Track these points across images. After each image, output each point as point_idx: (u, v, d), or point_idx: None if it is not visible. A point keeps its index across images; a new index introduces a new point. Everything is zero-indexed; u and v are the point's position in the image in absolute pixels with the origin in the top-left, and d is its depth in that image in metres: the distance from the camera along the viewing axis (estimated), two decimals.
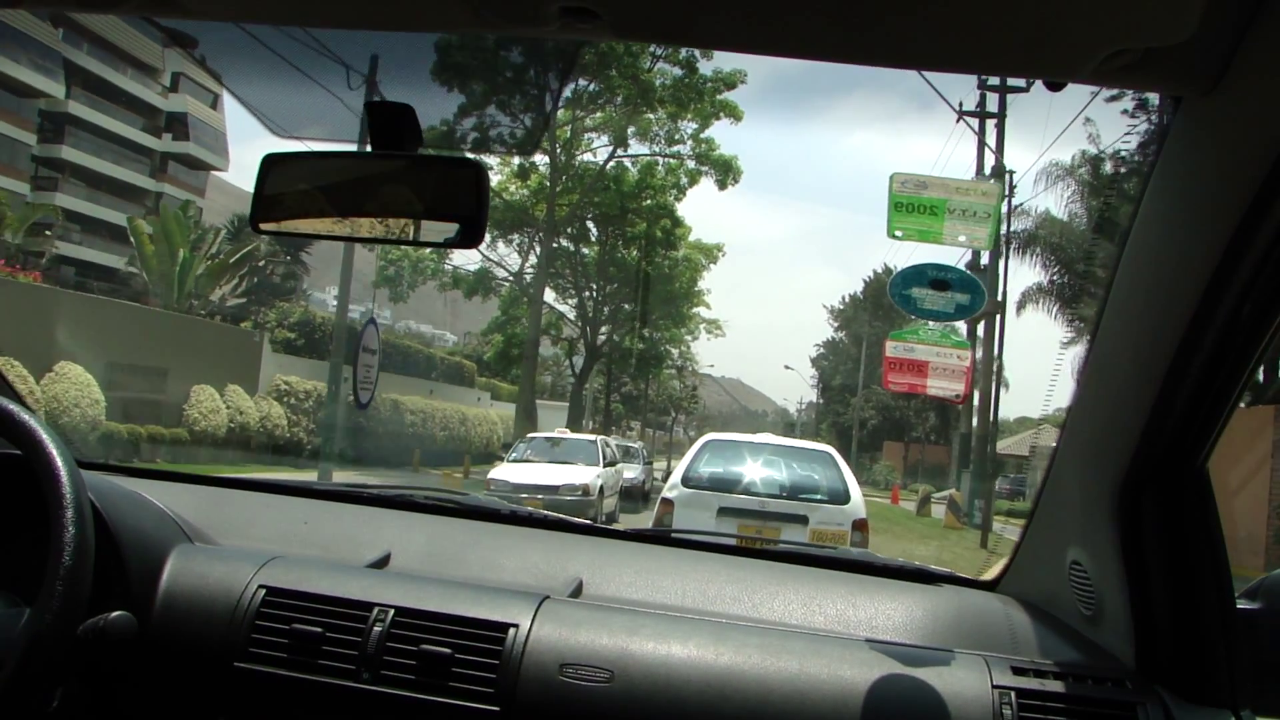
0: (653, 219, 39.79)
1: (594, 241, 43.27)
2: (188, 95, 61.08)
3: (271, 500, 2.69)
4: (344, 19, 1.61)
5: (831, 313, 79.86)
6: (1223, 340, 1.52)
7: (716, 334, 53.54)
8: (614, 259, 42.78)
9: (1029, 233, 31.46)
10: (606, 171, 40.28)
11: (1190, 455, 1.71)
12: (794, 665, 1.86)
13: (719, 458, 10.44)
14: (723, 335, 53.59)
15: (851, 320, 73.21)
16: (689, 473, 10.06)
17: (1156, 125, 1.92)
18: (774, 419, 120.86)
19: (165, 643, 1.97)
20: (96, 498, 1.88)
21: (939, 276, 3.09)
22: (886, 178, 2.27)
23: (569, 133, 39.30)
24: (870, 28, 1.27)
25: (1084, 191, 30.32)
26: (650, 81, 36.28)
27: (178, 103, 61.23)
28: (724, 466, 10.27)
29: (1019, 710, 1.78)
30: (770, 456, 10.45)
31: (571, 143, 39.68)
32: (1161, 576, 1.77)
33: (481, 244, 1.80)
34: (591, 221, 42.04)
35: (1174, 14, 1.13)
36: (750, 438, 11.62)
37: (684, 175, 40.31)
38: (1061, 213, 31.73)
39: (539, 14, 1.28)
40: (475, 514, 2.69)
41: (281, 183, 1.86)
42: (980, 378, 24.50)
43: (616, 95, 37.29)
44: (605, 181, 39.96)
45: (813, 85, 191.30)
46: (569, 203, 39.76)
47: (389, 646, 1.91)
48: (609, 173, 40.30)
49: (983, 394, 27.20)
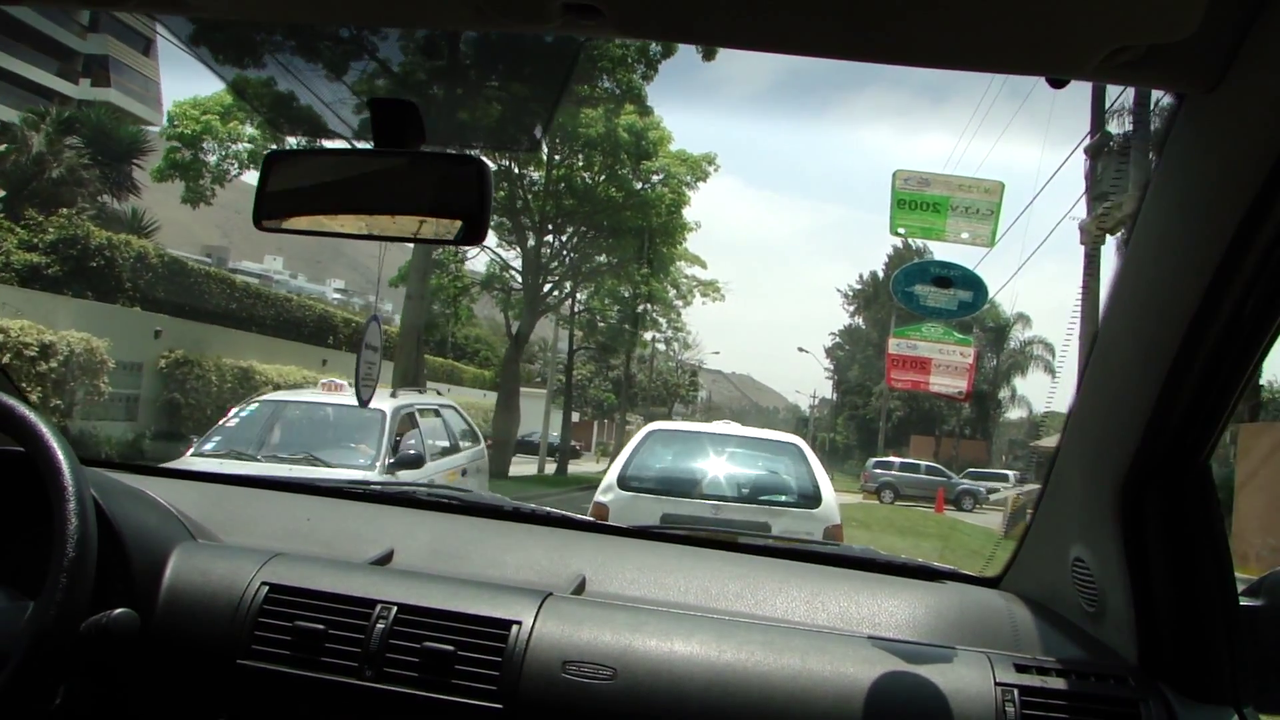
0: (613, 104, 28.61)
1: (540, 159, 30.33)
2: (110, 37, 51.27)
3: (274, 497, 2.70)
4: (348, 16, 1.61)
5: (848, 297, 75.12)
6: (1226, 337, 1.52)
7: (714, 297, 42.73)
8: (568, 181, 30.70)
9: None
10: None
11: (1193, 453, 1.71)
12: (796, 662, 1.86)
13: (665, 452, 8.69)
14: (721, 299, 42.79)
15: (872, 300, 68.62)
16: (626, 471, 8.28)
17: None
18: (785, 415, 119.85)
19: (168, 640, 1.98)
20: (99, 494, 1.89)
21: (942, 274, 3.08)
22: (890, 164, 2.28)
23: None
24: (873, 25, 1.27)
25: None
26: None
27: (98, 44, 51.55)
28: (670, 463, 8.55)
29: (1022, 707, 1.78)
30: (727, 450, 8.70)
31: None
32: (1164, 573, 1.77)
33: (484, 241, 1.81)
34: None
35: (1177, 11, 1.13)
36: (703, 427, 10.10)
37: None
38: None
39: (542, 11, 1.28)
40: (478, 511, 2.69)
41: (285, 180, 1.86)
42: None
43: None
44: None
45: (822, 81, 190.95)
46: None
47: (392, 644, 1.91)
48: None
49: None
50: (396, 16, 1.55)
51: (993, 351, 61.96)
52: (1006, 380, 62.99)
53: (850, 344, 73.34)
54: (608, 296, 38.48)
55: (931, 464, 44.29)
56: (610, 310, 39.01)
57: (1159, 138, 1.57)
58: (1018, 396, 64.26)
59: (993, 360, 62.15)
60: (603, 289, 37.33)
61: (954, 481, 41.76)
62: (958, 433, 62.65)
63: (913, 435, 61.62)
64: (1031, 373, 62.56)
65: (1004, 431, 64.28)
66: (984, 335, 58.64)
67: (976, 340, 57.69)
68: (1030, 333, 62.83)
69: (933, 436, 61.64)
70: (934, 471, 42.25)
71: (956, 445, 60.98)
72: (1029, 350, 62.07)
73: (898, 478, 41.20)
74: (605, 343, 42.23)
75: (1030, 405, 63.22)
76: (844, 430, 70.01)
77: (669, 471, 8.38)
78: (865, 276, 73.75)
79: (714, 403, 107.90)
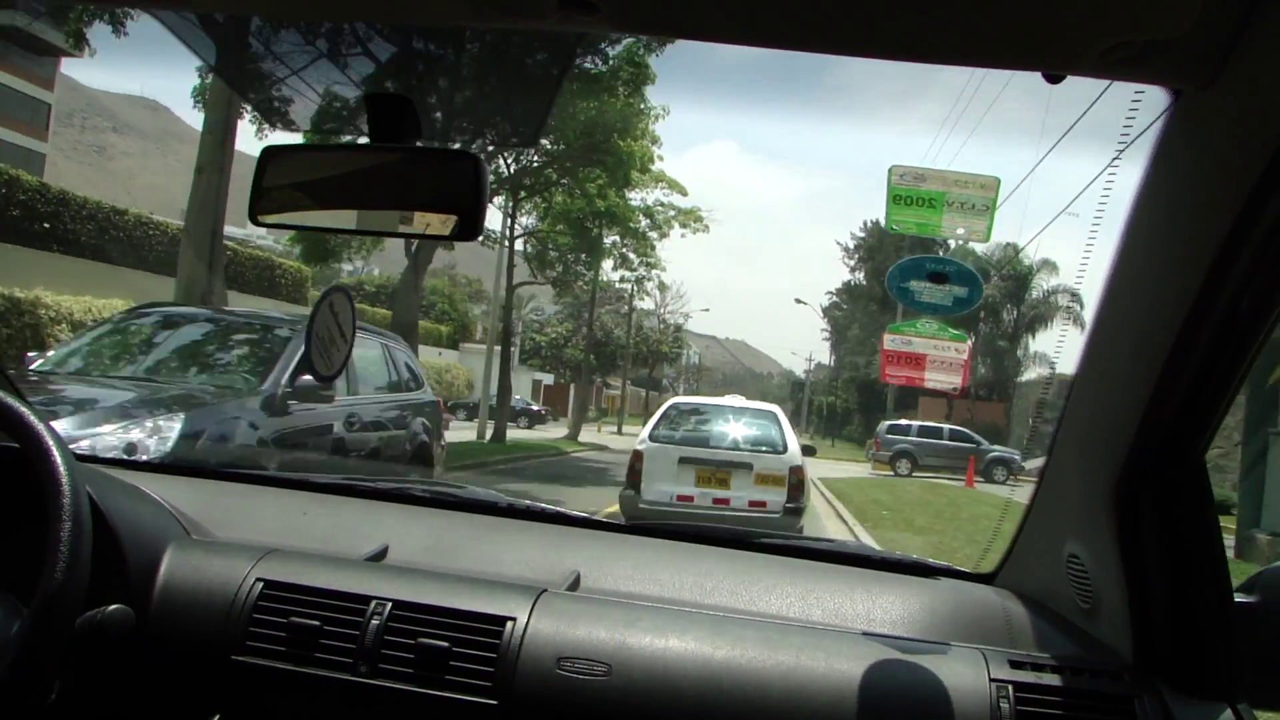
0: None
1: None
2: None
3: (268, 493, 2.70)
4: (343, 12, 1.60)
5: (848, 250, 69.89)
6: (1221, 332, 1.53)
7: (697, 228, 34.57)
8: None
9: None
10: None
11: (1188, 448, 1.71)
12: (791, 658, 1.86)
13: (681, 417, 12.65)
14: (705, 230, 34.78)
15: (876, 251, 62.97)
16: (655, 430, 12.01)
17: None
18: (780, 380, 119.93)
19: (163, 636, 1.98)
20: (94, 491, 1.88)
21: (937, 269, 3.07)
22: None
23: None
24: (868, 20, 1.27)
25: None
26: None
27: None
28: (685, 424, 12.41)
29: (1016, 704, 1.78)
30: (725, 416, 12.51)
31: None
32: (1159, 569, 1.77)
33: (479, 237, 1.80)
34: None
35: (1173, 6, 1.13)
36: (709, 400, 14.29)
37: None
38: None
39: (537, 6, 1.28)
40: (473, 507, 2.69)
41: (280, 174, 1.86)
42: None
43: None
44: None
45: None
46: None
47: (387, 639, 1.92)
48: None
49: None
50: (393, 11, 1.54)
51: (1012, 303, 57.25)
52: (1030, 332, 57.45)
53: (850, 302, 69.61)
54: (559, 220, 31.03)
55: (956, 428, 37.63)
56: (563, 237, 31.92)
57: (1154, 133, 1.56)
58: (1037, 354, 58.02)
59: (1012, 312, 57.47)
60: (553, 209, 30.52)
61: (984, 448, 34.89)
62: (973, 393, 54.76)
63: (921, 397, 52.39)
64: (1055, 325, 55.98)
65: (1025, 392, 55.27)
66: (1003, 284, 54.72)
67: (994, 290, 53.64)
68: (1056, 280, 56.53)
69: (944, 398, 51.55)
70: (959, 436, 35.74)
71: (972, 408, 53.01)
72: (1053, 300, 56.29)
73: (916, 444, 34.77)
74: (558, 277, 34.76)
75: (1052, 363, 56.53)
76: (844, 393, 66.42)
77: (684, 430, 12.20)
78: (868, 224, 68.33)
79: (706, 366, 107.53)
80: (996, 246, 49.43)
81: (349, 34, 12.84)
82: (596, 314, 49.06)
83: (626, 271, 37.33)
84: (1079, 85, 1.43)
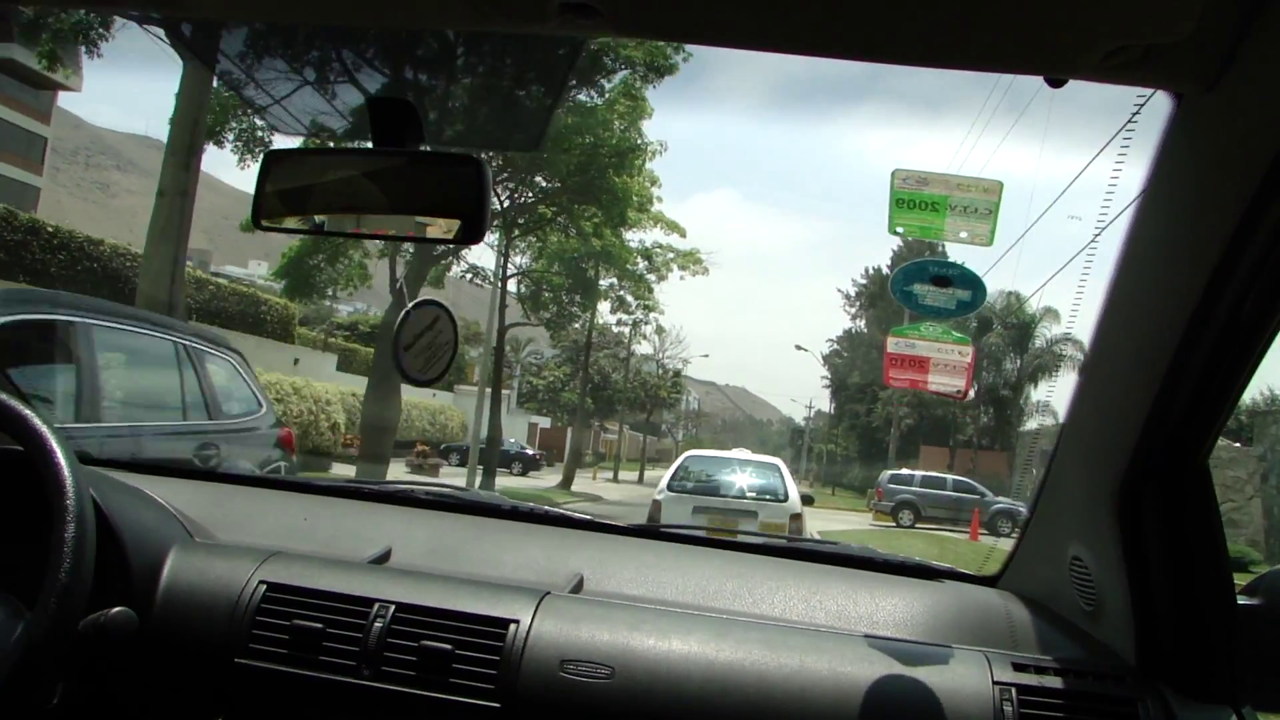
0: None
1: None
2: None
3: (272, 496, 2.70)
4: (344, 15, 1.61)
5: (849, 297, 69.38)
6: (1224, 336, 1.53)
7: (696, 270, 33.45)
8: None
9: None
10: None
11: (1192, 451, 1.71)
12: (794, 661, 1.86)
13: (696, 467, 14.22)
14: (705, 272, 33.79)
15: (877, 299, 62.64)
16: (672, 480, 13.65)
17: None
18: (779, 427, 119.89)
19: (166, 639, 1.98)
20: (97, 493, 1.89)
21: (940, 273, 3.07)
22: (888, 178, 2.29)
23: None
24: (870, 24, 1.27)
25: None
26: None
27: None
28: (699, 475, 13.92)
29: (1019, 706, 1.78)
30: (733, 467, 14.07)
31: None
32: (1162, 572, 1.77)
33: (483, 240, 1.81)
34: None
35: (1175, 10, 1.13)
36: (719, 453, 16.12)
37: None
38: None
39: (538, 10, 1.28)
40: (476, 509, 2.68)
41: (283, 179, 1.86)
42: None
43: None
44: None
45: (819, 93, 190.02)
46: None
47: (390, 642, 1.91)
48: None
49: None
50: (394, 15, 1.55)
51: (1015, 352, 56.07)
52: (1033, 382, 55.85)
53: (850, 349, 69.07)
54: (554, 260, 30.53)
55: (960, 478, 36.84)
56: (557, 277, 30.99)
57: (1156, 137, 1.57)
58: (1040, 403, 53.73)
59: (1015, 361, 56.26)
60: (548, 249, 29.99)
61: (988, 499, 33.68)
62: (975, 442, 55.87)
63: (923, 445, 54.81)
64: (1061, 374, 57.06)
65: (1028, 443, 56.00)
66: (1006, 334, 53.89)
67: (998, 339, 52.49)
68: (1059, 329, 54.02)
69: (946, 447, 54.43)
70: (963, 487, 34.82)
71: (974, 457, 52.63)
72: (1057, 349, 54.16)
73: (919, 495, 33.71)
74: (552, 318, 33.13)
75: (1056, 414, 55.61)
76: (844, 441, 65.59)
77: (698, 480, 13.68)
78: (870, 271, 68.52)
79: (705, 411, 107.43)
80: (999, 294, 48.95)
81: (350, 38, 12.82)
82: (594, 357, 47.90)
83: (624, 314, 36.41)
84: (1081, 89, 1.44)
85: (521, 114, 7.53)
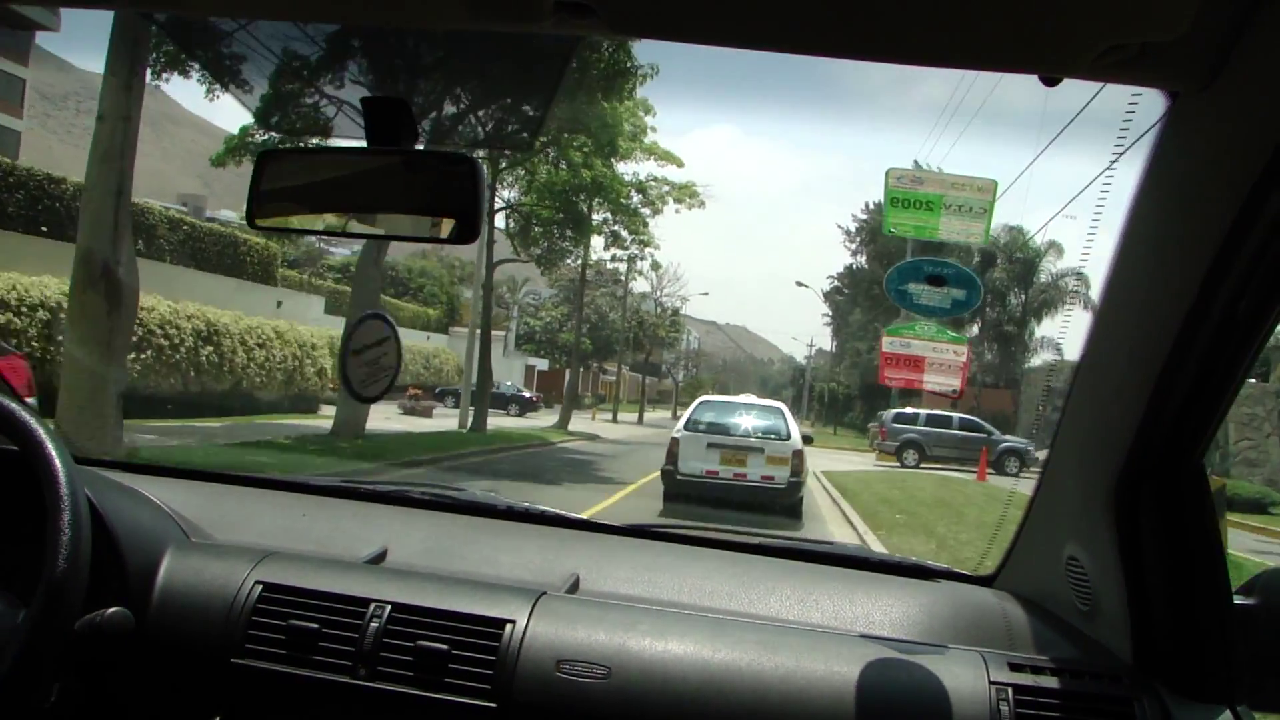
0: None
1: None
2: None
3: (268, 496, 2.69)
4: (339, 14, 1.59)
5: (849, 233, 66.46)
6: (1219, 335, 1.53)
7: (693, 203, 32.11)
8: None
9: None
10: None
11: (1187, 450, 1.72)
12: (790, 661, 1.86)
13: (709, 411, 16.08)
14: (702, 206, 32.46)
15: (878, 232, 58.54)
16: (688, 421, 15.54)
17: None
18: (780, 366, 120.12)
19: (162, 639, 1.98)
20: (93, 494, 1.88)
21: (935, 272, 3.06)
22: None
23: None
24: (865, 22, 1.27)
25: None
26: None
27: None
28: (712, 417, 15.73)
29: (1016, 706, 1.78)
30: (741, 410, 16.08)
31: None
32: (1158, 572, 1.77)
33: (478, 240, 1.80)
34: None
35: (1171, 9, 1.13)
36: (730, 399, 18.36)
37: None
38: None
39: (534, 9, 1.27)
40: (472, 510, 2.69)
41: (278, 178, 1.86)
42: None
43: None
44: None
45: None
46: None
47: (386, 642, 1.92)
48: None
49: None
50: (389, 15, 1.53)
51: (1020, 287, 55.13)
52: (1037, 318, 55.06)
53: (851, 286, 66.27)
54: (543, 194, 28.92)
55: (966, 416, 34.50)
56: (546, 210, 29.29)
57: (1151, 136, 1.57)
58: (1046, 339, 54.88)
59: (1020, 296, 55.25)
60: (536, 182, 28.42)
61: (995, 437, 32.05)
62: (979, 379, 51.94)
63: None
64: (1064, 310, 53.67)
65: (1032, 379, 50.39)
66: (1010, 268, 53.29)
67: (1003, 273, 52.92)
68: (1063, 264, 53.52)
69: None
70: (969, 425, 32.95)
71: (978, 395, 48.42)
72: (1062, 284, 53.15)
73: (924, 434, 32.03)
74: (542, 254, 31.80)
75: (1061, 349, 49.16)
76: (846, 379, 63.93)
77: (712, 421, 15.49)
78: (870, 206, 64.64)
79: (705, 351, 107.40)
80: (1003, 229, 48.50)
81: (345, 37, 12.37)
82: (591, 297, 47.17)
83: (618, 250, 35.00)
84: (1077, 86, 1.43)
85: (516, 113, 7.49)
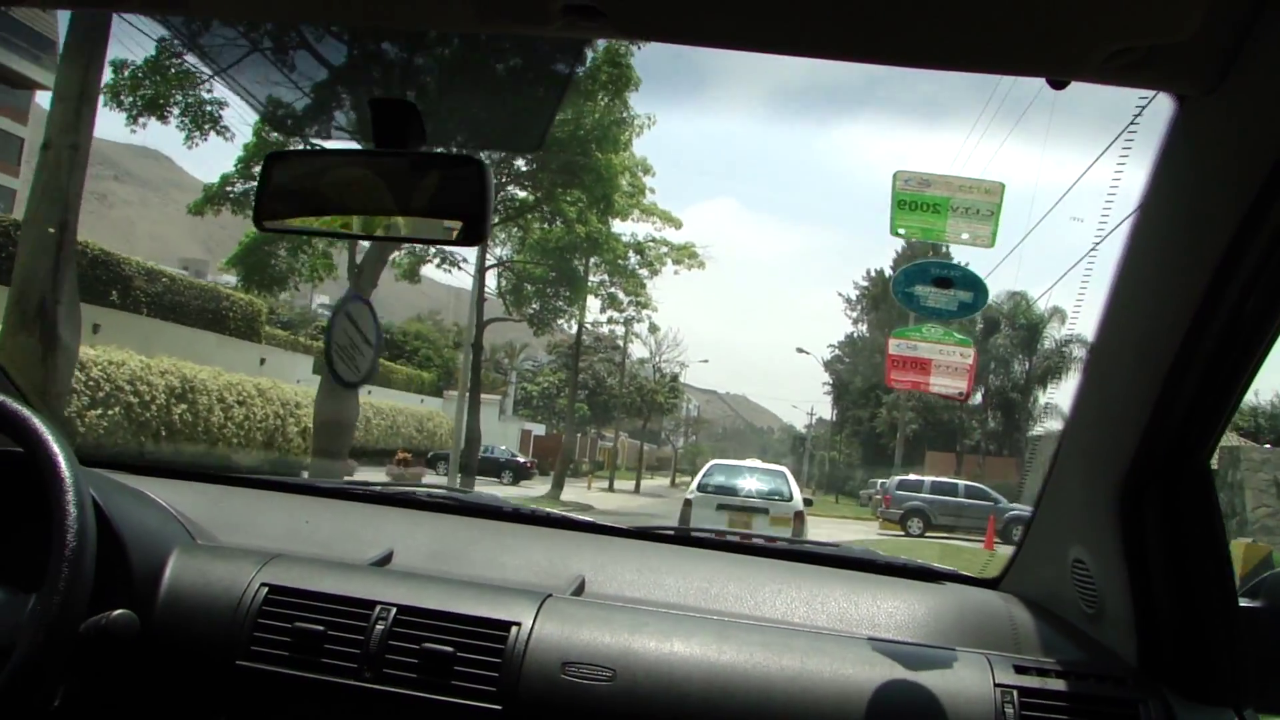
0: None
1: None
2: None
3: (273, 498, 2.69)
4: (348, 17, 1.61)
5: (850, 301, 67.84)
6: (1225, 338, 1.53)
7: (692, 264, 30.65)
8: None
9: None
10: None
11: (1193, 453, 1.72)
12: (796, 663, 1.86)
13: (719, 474, 17.62)
14: (702, 267, 30.91)
15: (880, 301, 60.63)
16: (700, 484, 17.11)
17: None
18: (780, 435, 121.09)
19: (167, 641, 1.97)
20: (99, 495, 1.88)
21: (942, 274, 3.08)
22: (889, 185, 2.29)
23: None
24: (874, 26, 1.27)
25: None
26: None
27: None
28: (722, 479, 17.27)
29: (1021, 709, 1.78)
30: (748, 472, 17.71)
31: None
32: (1164, 574, 1.77)
33: (485, 241, 1.81)
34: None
35: (1178, 12, 1.13)
36: (738, 462, 19.88)
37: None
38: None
39: (542, 13, 1.29)
40: (477, 512, 2.69)
41: (285, 180, 1.87)
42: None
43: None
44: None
45: (819, 103, 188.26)
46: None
47: (391, 645, 1.91)
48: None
49: None
50: (398, 17, 1.55)
51: (1024, 354, 53.49)
52: (1041, 385, 53.33)
53: (852, 355, 66.98)
54: (536, 251, 28.03)
55: (972, 484, 34.00)
56: (539, 268, 28.64)
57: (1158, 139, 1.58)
58: (1048, 406, 53.00)
59: (1024, 364, 53.71)
60: (530, 239, 27.67)
61: (1002, 506, 30.47)
62: (982, 447, 53.11)
63: (928, 451, 51.07)
64: (1069, 377, 50.47)
65: (1031, 446, 48.19)
66: (1014, 335, 51.84)
67: (1005, 340, 50.84)
68: (1067, 330, 50.55)
69: (952, 452, 51.08)
70: (976, 494, 32.13)
71: (981, 463, 49.24)
72: (1067, 351, 50.61)
73: (929, 501, 31.17)
74: (535, 314, 30.22)
75: (1063, 416, 51.03)
76: (846, 448, 64.02)
77: (721, 483, 17.00)
78: (872, 273, 66.58)
79: (705, 419, 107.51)
80: (1004, 295, 47.82)
81: (354, 40, 12.08)
82: (588, 361, 46.22)
83: (615, 312, 33.01)
84: (1084, 91, 1.44)
85: (523, 115, 7.54)
